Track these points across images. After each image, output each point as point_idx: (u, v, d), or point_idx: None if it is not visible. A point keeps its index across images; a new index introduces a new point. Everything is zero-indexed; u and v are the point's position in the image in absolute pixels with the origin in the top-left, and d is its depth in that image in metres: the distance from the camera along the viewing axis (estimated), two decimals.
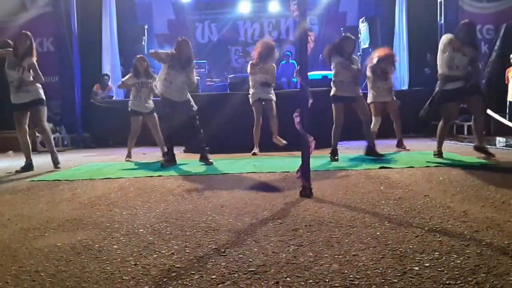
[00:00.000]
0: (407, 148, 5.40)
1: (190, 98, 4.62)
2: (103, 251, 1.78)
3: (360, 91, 4.68)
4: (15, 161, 5.45)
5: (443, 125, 4.35)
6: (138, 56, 5.53)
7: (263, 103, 5.48)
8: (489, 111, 5.94)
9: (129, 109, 5.29)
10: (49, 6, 8.71)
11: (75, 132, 8.46)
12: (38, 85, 4.61)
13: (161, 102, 4.56)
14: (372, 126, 5.33)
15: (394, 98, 5.45)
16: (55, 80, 8.88)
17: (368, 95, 5.43)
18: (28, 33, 4.64)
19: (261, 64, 5.40)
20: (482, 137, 4.36)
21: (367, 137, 4.63)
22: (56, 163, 4.72)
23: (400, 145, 5.50)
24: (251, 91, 5.53)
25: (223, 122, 5.92)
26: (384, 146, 5.51)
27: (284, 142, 5.45)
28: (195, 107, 4.60)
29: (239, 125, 5.84)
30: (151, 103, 5.30)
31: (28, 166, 4.60)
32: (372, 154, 4.56)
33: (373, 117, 5.34)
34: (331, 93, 4.64)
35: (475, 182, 3.04)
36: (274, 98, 5.53)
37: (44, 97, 4.64)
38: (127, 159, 5.29)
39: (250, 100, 5.52)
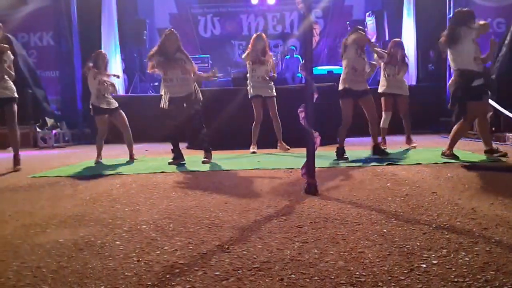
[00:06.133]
0: (414, 145, 5.27)
1: (196, 90, 4.41)
2: (105, 247, 1.77)
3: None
4: None
5: (462, 126, 3.87)
6: (100, 51, 5.04)
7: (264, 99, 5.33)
8: (499, 107, 5.85)
9: (91, 107, 4.83)
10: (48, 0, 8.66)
11: (76, 127, 8.44)
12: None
13: (167, 101, 4.35)
14: (382, 122, 5.16)
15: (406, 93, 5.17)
16: (56, 74, 8.84)
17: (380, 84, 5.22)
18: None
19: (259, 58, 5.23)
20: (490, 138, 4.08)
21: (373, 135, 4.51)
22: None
23: (409, 142, 5.35)
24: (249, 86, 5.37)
25: (227, 118, 5.89)
26: (391, 143, 5.45)
27: (288, 147, 5.34)
28: (199, 104, 4.43)
29: (243, 121, 5.80)
30: (113, 100, 4.87)
31: None
32: (377, 153, 4.42)
33: (383, 112, 5.15)
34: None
35: (483, 179, 3.00)
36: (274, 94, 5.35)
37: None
38: (97, 160, 4.77)
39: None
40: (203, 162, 4.34)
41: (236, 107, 5.85)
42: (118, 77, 5.19)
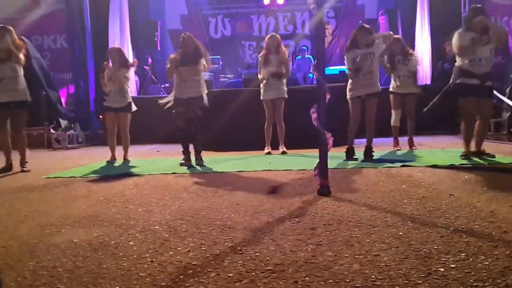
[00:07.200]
0: (399, 148, 5.11)
1: (204, 96, 4.37)
2: (119, 247, 1.78)
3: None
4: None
5: (465, 126, 4.01)
6: (112, 47, 5.10)
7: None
8: None
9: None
10: (61, 2, 8.76)
11: (89, 129, 8.53)
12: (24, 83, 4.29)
13: (174, 103, 4.37)
14: (392, 120, 5.14)
15: (415, 91, 5.07)
16: (69, 76, 8.97)
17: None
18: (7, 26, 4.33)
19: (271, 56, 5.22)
20: (482, 141, 4.06)
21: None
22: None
23: (411, 144, 5.20)
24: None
25: (237, 118, 5.88)
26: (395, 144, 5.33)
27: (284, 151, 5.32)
28: (201, 111, 4.34)
29: (254, 122, 5.79)
30: (125, 99, 4.88)
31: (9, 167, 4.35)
32: (366, 156, 4.30)
33: (392, 110, 5.11)
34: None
35: (502, 181, 2.94)
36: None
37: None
38: (110, 161, 4.82)
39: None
40: (197, 164, 4.35)
41: (247, 108, 5.84)
42: (132, 65, 5.20)
